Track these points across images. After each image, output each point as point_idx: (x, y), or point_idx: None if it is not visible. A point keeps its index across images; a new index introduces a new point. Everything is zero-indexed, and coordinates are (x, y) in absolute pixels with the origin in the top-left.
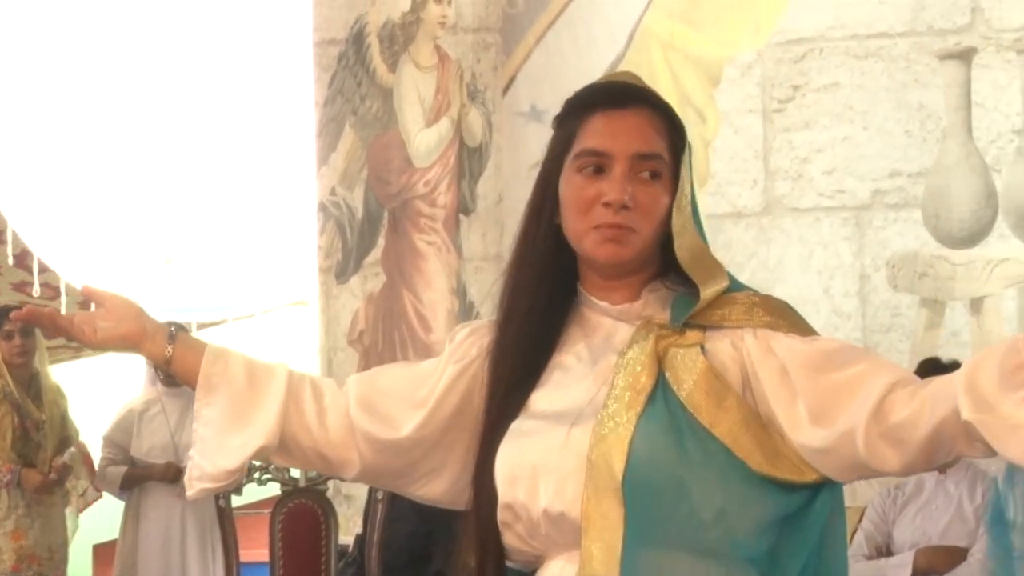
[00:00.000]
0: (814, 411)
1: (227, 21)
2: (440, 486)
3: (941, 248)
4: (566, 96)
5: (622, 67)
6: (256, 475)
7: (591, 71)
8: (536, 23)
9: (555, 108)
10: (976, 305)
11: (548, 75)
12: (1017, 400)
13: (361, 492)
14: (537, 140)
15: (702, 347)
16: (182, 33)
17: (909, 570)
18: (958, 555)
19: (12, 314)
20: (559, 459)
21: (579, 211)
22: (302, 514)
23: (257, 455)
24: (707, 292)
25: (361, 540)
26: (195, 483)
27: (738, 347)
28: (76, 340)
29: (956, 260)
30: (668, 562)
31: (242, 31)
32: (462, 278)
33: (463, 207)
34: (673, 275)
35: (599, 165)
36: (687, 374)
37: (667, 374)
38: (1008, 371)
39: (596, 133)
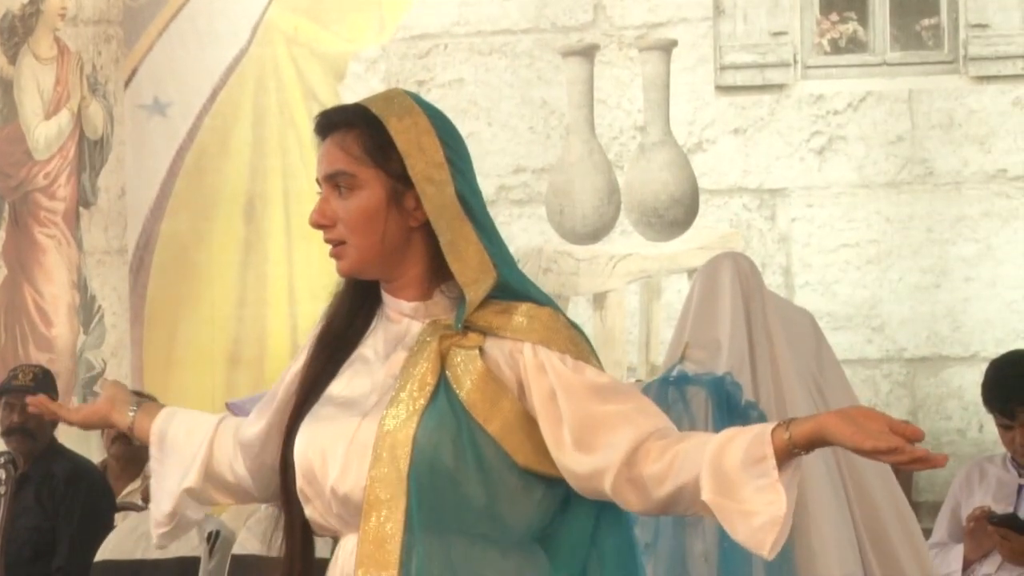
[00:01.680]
0: (576, 438)
1: None
2: None
3: (565, 243)
4: (190, 88)
5: (245, 61)
6: None
7: (214, 65)
8: (158, 16)
9: (179, 101)
10: (600, 300)
11: (171, 68)
12: (754, 488)
13: None
14: (161, 133)
15: (481, 349)
16: None
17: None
18: None
19: (28, 399)
20: (346, 446)
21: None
22: None
23: (186, 496)
24: (472, 294)
25: None
26: (153, 530)
27: (515, 358)
28: (61, 420)
29: (580, 255)
30: (445, 545)
31: None
32: (83, 272)
33: (84, 200)
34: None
35: (320, 193)
36: (466, 375)
37: (448, 373)
38: (752, 460)
39: (317, 162)
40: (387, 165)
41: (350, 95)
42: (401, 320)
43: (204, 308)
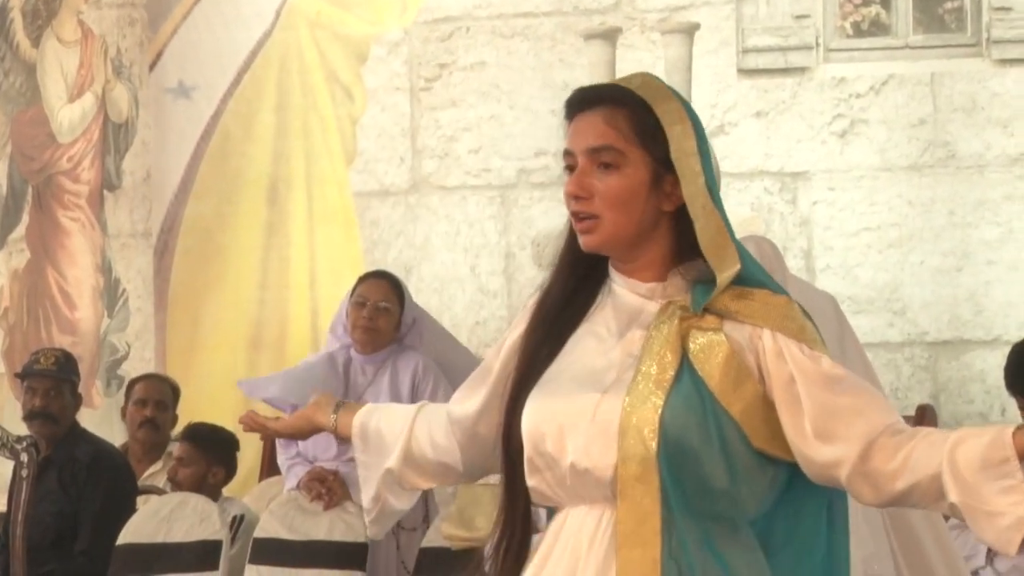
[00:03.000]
0: (816, 427)
1: None
2: None
3: None
4: (214, 72)
5: (269, 45)
6: None
7: (239, 48)
8: (182, 0)
9: (204, 84)
10: None
11: (196, 52)
12: (997, 489)
13: (5, 471)
14: (186, 116)
15: (723, 333)
16: None
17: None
18: None
19: (240, 419)
20: (588, 422)
21: (567, 206)
22: None
23: (387, 478)
24: (722, 277)
25: (6, 519)
26: (365, 519)
27: (755, 343)
28: (273, 434)
29: None
30: (697, 523)
31: None
32: (107, 255)
33: (108, 183)
34: (700, 258)
35: (571, 165)
36: (710, 357)
37: (690, 355)
38: (992, 462)
39: (569, 135)
40: (653, 147)
41: (372, 78)
42: (633, 300)
43: (227, 291)
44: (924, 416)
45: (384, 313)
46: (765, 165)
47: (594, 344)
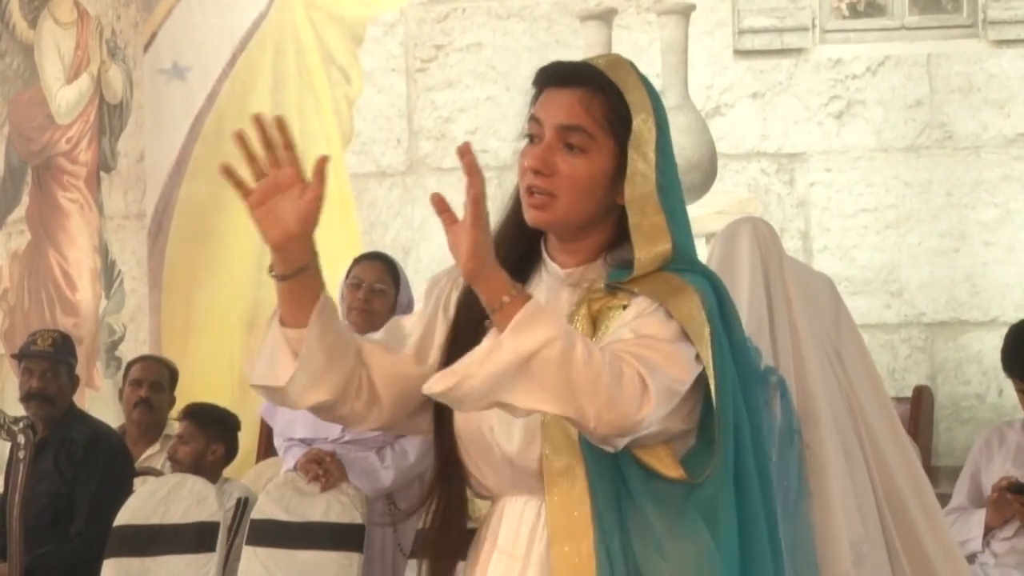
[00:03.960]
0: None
1: None
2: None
3: None
4: (209, 53)
5: (264, 25)
6: None
7: (233, 29)
8: None
9: (198, 65)
10: None
11: (190, 32)
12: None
13: (2, 451)
14: (180, 97)
15: (624, 307)
16: None
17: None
18: None
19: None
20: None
21: (520, 176)
22: None
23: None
24: (642, 254)
25: (2, 500)
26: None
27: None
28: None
29: None
30: (625, 509)
31: None
32: (104, 236)
33: (104, 164)
34: (628, 244)
35: (535, 134)
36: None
37: (601, 334)
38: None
39: (539, 105)
40: (623, 138)
41: (368, 59)
42: (554, 285)
43: (222, 272)
44: (921, 397)
45: (379, 295)
46: (762, 146)
47: None
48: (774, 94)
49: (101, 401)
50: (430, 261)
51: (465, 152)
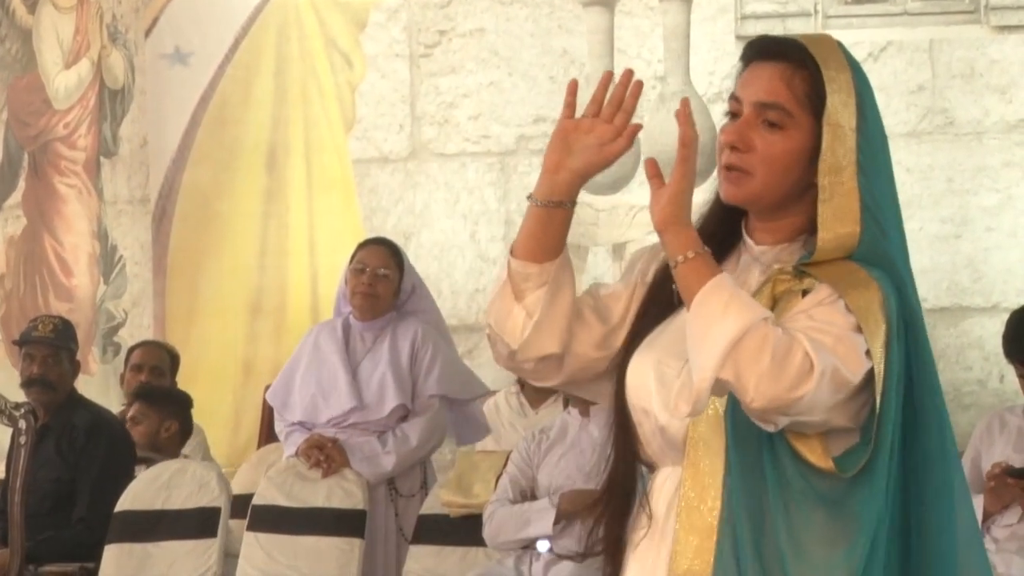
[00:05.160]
0: None
1: None
2: None
3: (584, 194)
4: (211, 38)
5: (267, 10)
6: None
7: (236, 14)
8: None
9: (200, 50)
10: (619, 250)
11: (192, 17)
12: None
13: (3, 437)
14: (182, 83)
15: (804, 292)
16: None
17: (552, 514)
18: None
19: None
20: (674, 380)
21: (718, 154)
22: None
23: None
24: (826, 233)
25: (4, 486)
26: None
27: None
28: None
29: (599, 206)
30: (759, 485)
31: None
32: (104, 222)
33: (105, 150)
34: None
35: (735, 111)
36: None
37: (776, 314)
38: None
39: (741, 82)
40: (820, 117)
41: (371, 44)
42: (748, 261)
43: (226, 258)
44: None
45: (383, 279)
46: None
47: None
48: None
49: (95, 386)
50: (431, 246)
51: (682, 111)
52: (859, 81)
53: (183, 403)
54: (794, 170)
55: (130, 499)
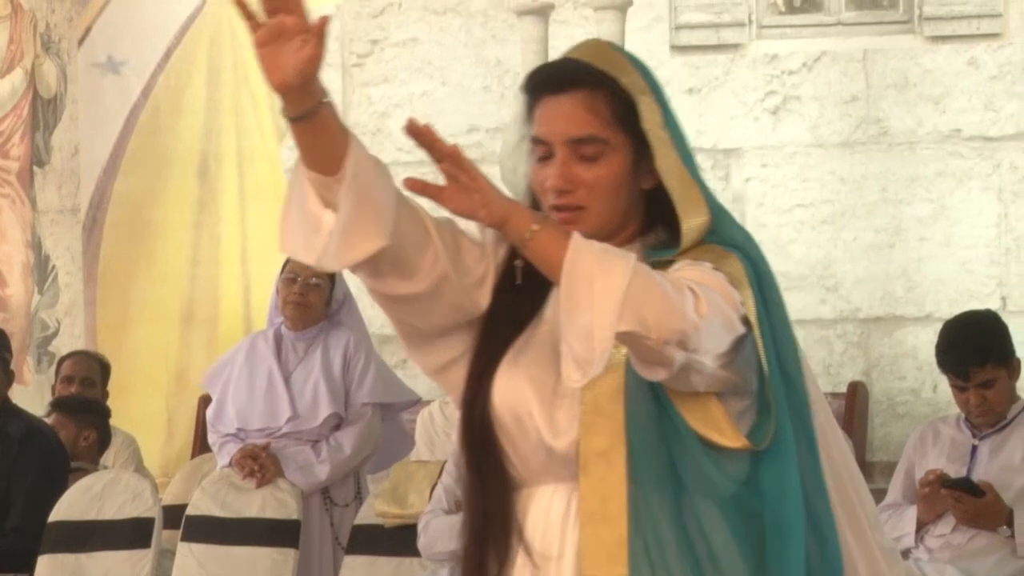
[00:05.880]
0: None
1: None
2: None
3: None
4: (144, 47)
5: (200, 19)
6: None
7: (169, 23)
8: None
9: (133, 59)
10: None
11: (125, 26)
12: None
13: None
14: (115, 91)
15: None
16: None
17: None
18: None
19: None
20: (552, 396)
21: (540, 195)
22: None
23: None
24: (687, 224)
25: None
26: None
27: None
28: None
29: None
30: (666, 496)
31: None
32: (37, 231)
33: (37, 159)
34: (660, 227)
35: (545, 153)
36: None
37: None
38: None
39: (540, 121)
40: (633, 127)
41: None
42: None
43: (157, 267)
44: (856, 393)
45: (315, 289)
46: (698, 142)
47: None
48: (710, 89)
49: (29, 396)
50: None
51: (411, 127)
52: (646, 75)
53: (101, 412)
54: (624, 187)
55: (64, 509)
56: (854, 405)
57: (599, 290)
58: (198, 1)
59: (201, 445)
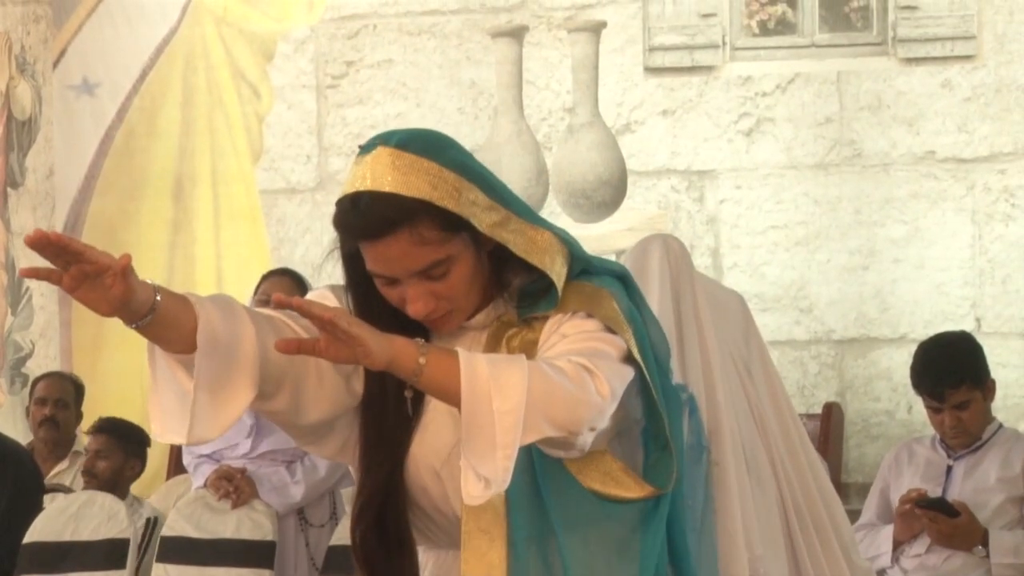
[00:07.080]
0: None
1: None
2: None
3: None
4: (119, 69)
5: (174, 41)
6: None
7: (144, 45)
8: None
9: (107, 81)
10: None
11: (100, 49)
12: None
13: None
14: (89, 113)
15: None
16: None
17: None
18: None
19: (26, 238)
20: (449, 466)
21: (397, 305)
22: None
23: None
24: (553, 271)
25: None
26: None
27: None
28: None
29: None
30: (547, 546)
31: None
32: (11, 253)
33: (11, 180)
34: (510, 267)
35: (389, 279)
36: None
37: None
38: None
39: (372, 260)
40: (461, 227)
41: (279, 75)
42: (468, 333)
43: None
44: (831, 414)
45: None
46: (672, 163)
47: None
48: (684, 111)
49: (2, 418)
50: (339, 278)
51: (279, 302)
52: (429, 153)
53: (144, 441)
54: (478, 275)
55: (38, 530)
56: (829, 426)
57: (499, 409)
58: (173, 23)
59: (176, 466)
